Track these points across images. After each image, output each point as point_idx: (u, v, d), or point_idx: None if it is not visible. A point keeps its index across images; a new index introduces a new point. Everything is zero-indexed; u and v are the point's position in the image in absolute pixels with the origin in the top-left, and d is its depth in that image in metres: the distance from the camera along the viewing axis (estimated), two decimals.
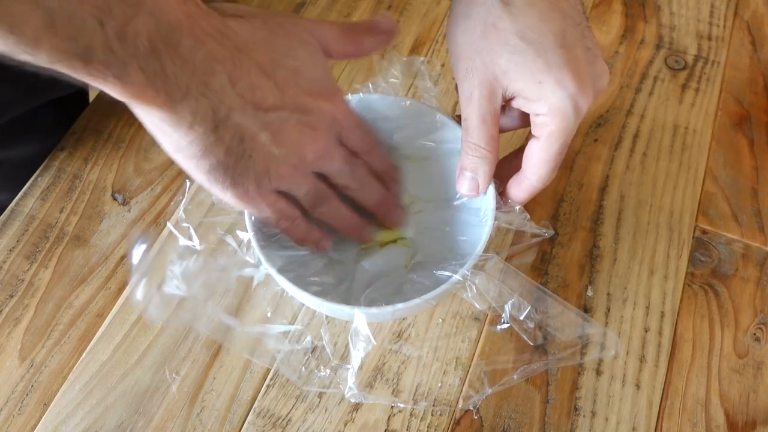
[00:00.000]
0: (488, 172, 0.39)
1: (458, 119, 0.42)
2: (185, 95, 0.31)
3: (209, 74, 0.32)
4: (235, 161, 0.34)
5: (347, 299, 0.41)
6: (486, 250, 0.38)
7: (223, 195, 0.36)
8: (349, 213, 0.42)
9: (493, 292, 0.37)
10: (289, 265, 0.40)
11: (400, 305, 0.36)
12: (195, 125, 0.32)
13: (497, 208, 0.40)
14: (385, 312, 0.37)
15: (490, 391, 0.43)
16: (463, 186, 0.39)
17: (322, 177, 0.40)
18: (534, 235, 0.42)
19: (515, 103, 0.38)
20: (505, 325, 0.38)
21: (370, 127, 0.42)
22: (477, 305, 0.37)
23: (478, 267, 0.38)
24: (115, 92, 0.30)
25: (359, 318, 0.37)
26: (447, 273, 0.38)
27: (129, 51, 0.28)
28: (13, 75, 0.33)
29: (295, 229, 0.40)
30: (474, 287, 0.37)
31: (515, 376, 0.43)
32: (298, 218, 0.40)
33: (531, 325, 0.38)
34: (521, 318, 0.38)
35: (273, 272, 0.38)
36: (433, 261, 0.42)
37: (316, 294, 0.37)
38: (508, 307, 0.38)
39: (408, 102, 0.43)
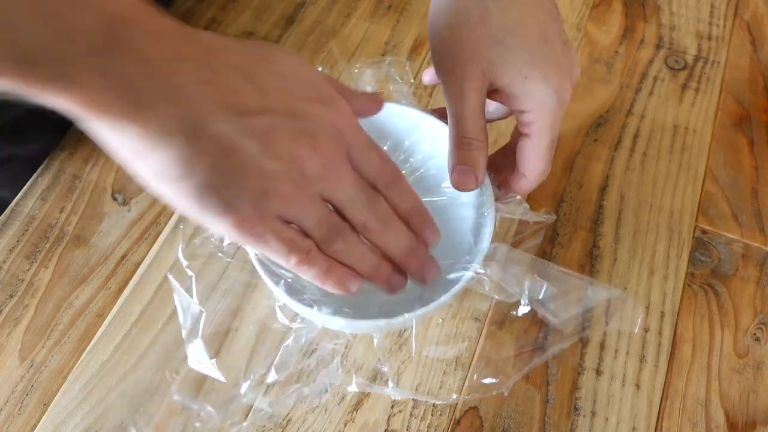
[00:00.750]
0: (483, 163, 0.39)
1: (436, 113, 0.43)
2: (151, 102, 0.27)
3: (174, 75, 0.28)
4: (223, 180, 0.29)
5: (359, 312, 0.39)
6: (491, 242, 0.38)
7: (217, 225, 0.30)
8: (372, 252, 0.35)
9: (509, 281, 0.37)
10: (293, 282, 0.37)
11: (419, 311, 0.36)
12: (170, 138, 0.28)
13: (496, 200, 0.40)
14: (407, 320, 0.36)
15: (490, 390, 0.43)
16: (461, 180, 0.38)
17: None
18: (536, 224, 0.42)
19: (497, 98, 0.39)
20: (527, 309, 0.38)
21: (385, 152, 0.35)
22: (496, 296, 0.37)
23: (488, 258, 0.38)
24: (70, 103, 0.26)
25: (379, 330, 0.36)
26: (458, 274, 0.38)
27: (73, 49, 0.25)
28: None
29: (311, 263, 0.33)
30: (488, 280, 0.37)
31: (516, 375, 0.43)
32: (312, 250, 0.32)
33: (550, 305, 0.38)
34: (540, 298, 0.37)
35: (288, 299, 0.36)
36: (439, 261, 0.42)
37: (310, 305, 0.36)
38: (526, 291, 0.37)
39: (389, 104, 0.43)
